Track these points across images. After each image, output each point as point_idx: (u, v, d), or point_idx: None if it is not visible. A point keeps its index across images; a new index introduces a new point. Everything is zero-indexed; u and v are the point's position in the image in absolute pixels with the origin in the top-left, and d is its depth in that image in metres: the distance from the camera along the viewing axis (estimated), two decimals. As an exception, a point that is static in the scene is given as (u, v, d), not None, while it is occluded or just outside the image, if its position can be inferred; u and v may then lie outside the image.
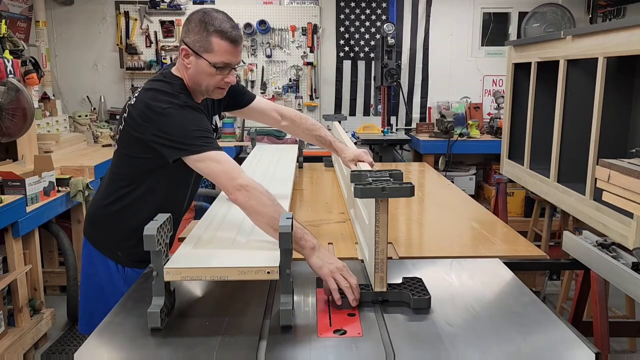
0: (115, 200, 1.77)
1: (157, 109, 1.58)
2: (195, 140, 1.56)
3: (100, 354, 1.21)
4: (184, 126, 1.57)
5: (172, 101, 1.60)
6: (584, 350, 1.20)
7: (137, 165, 1.72)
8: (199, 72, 1.65)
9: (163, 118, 1.57)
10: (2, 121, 3.29)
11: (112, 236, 1.81)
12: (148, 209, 1.70)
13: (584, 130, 2.54)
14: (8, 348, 2.75)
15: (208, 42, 1.60)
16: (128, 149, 1.72)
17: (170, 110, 1.58)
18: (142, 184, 1.74)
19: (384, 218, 1.37)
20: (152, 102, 1.60)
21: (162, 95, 1.61)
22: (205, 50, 1.61)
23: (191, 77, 1.69)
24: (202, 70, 1.64)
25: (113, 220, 1.79)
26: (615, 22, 2.66)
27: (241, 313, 1.36)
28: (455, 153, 5.10)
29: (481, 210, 2.43)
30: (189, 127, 1.58)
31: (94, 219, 1.86)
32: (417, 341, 1.23)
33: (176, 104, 1.59)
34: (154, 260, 1.26)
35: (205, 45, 1.61)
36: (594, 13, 5.47)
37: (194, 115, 1.62)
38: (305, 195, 2.67)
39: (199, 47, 1.61)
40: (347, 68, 5.76)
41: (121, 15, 5.54)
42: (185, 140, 1.56)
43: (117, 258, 1.81)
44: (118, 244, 1.81)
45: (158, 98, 1.61)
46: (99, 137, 5.05)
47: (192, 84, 1.70)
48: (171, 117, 1.57)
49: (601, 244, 1.88)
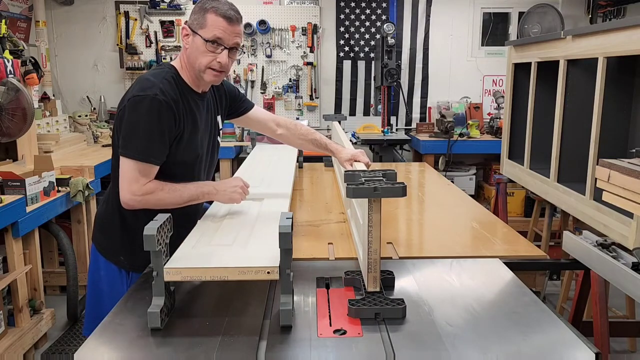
0: (116, 205, 1.75)
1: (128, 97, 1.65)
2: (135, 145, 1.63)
3: (100, 354, 1.21)
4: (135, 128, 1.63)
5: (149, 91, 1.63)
6: (584, 350, 1.20)
7: None
8: (193, 50, 1.69)
9: (130, 108, 1.64)
10: (2, 121, 3.29)
11: (116, 241, 1.83)
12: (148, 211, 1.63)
13: (584, 130, 2.54)
14: (8, 348, 2.75)
15: (203, 18, 1.66)
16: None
17: (133, 102, 1.63)
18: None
19: (377, 218, 1.37)
20: (131, 91, 1.66)
21: (144, 84, 1.66)
22: (200, 26, 1.66)
23: (188, 58, 1.72)
24: (197, 47, 1.68)
25: (115, 225, 1.81)
26: (615, 22, 2.66)
27: (241, 313, 1.36)
28: (455, 153, 5.10)
29: (481, 210, 2.43)
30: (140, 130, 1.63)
31: (100, 224, 1.89)
32: (417, 341, 1.23)
33: (151, 97, 1.62)
34: (154, 260, 1.26)
35: (201, 21, 1.66)
36: (594, 13, 5.47)
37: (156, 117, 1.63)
38: (305, 195, 2.67)
39: (196, 24, 1.67)
40: (347, 68, 5.76)
41: (121, 15, 5.54)
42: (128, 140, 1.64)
43: (120, 263, 1.83)
44: (121, 248, 1.82)
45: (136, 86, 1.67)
46: (99, 137, 5.05)
47: (188, 66, 1.74)
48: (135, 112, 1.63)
49: (601, 244, 1.88)
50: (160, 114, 1.63)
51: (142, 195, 1.64)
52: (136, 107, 1.63)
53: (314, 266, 1.68)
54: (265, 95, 5.72)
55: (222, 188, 1.78)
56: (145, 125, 1.63)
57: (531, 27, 4.99)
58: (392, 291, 1.50)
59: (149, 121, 1.63)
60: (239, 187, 1.80)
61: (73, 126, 5.01)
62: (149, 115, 1.62)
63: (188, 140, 1.75)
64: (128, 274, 1.82)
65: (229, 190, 1.78)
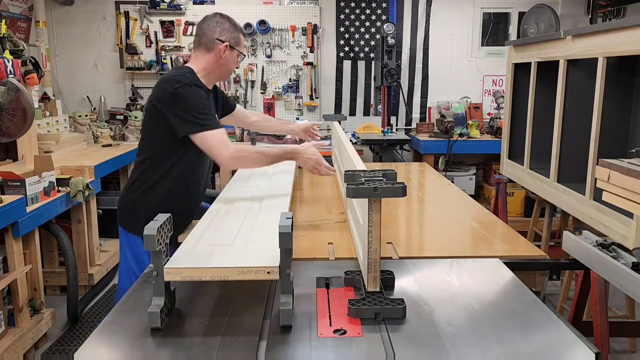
0: (140, 183, 2.10)
1: (169, 89, 1.99)
2: (197, 120, 1.98)
3: (100, 354, 1.21)
4: (188, 107, 1.98)
5: (181, 81, 2.01)
6: (584, 350, 1.20)
7: (158, 146, 2.08)
8: (230, 61, 2.19)
9: (175, 97, 1.98)
10: (2, 121, 3.29)
11: (139, 214, 2.03)
12: (170, 184, 2.08)
13: (584, 130, 2.54)
14: (8, 348, 2.76)
15: (238, 37, 2.20)
16: (150, 133, 2.11)
17: (179, 90, 1.98)
18: (164, 162, 2.08)
19: (376, 218, 1.37)
20: (166, 85, 2.01)
21: (172, 80, 2.03)
22: (237, 43, 2.20)
23: (221, 65, 2.18)
24: (233, 58, 2.20)
25: (139, 201, 2.11)
26: (615, 22, 2.66)
27: (241, 313, 1.36)
28: (455, 153, 5.10)
29: (481, 210, 2.43)
30: (193, 107, 1.99)
31: (123, 206, 2.18)
32: (417, 341, 1.23)
33: (184, 84, 2.00)
34: (154, 260, 1.26)
35: (237, 40, 2.19)
36: (594, 13, 5.47)
37: (196, 94, 2.02)
38: (305, 195, 2.67)
39: (234, 42, 2.18)
40: (347, 68, 5.76)
41: (121, 15, 5.54)
42: (190, 119, 1.98)
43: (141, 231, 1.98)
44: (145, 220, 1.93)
45: (170, 81, 2.02)
46: (99, 137, 5.05)
47: (217, 70, 2.19)
48: (180, 97, 1.98)
49: (601, 244, 1.88)
50: (201, 94, 2.05)
51: (236, 154, 2.03)
52: (188, 92, 2.00)
53: (314, 266, 1.68)
54: (265, 96, 5.72)
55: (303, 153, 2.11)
56: (203, 103, 2.03)
57: (530, 27, 5.00)
58: (392, 291, 1.50)
59: (202, 99, 2.03)
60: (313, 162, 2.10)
61: (73, 126, 5.01)
62: (200, 96, 2.03)
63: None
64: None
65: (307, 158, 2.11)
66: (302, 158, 2.09)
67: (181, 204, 2.10)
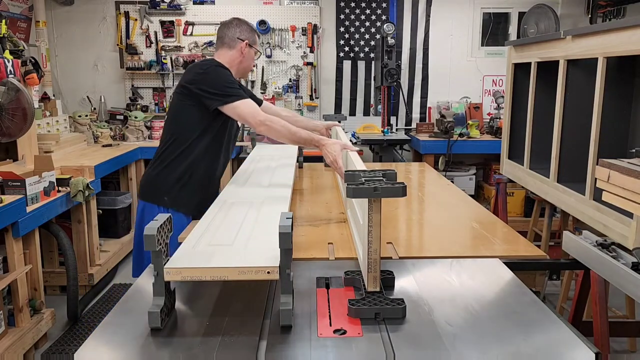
0: (164, 158, 2.34)
1: (199, 70, 2.29)
2: (227, 92, 2.23)
3: (100, 354, 1.21)
4: (218, 82, 2.25)
5: (209, 64, 2.33)
6: (583, 350, 1.20)
7: (184, 125, 2.31)
8: (248, 58, 2.48)
9: (205, 76, 2.26)
10: (2, 121, 3.29)
11: (161, 186, 2.33)
12: (191, 158, 2.32)
13: (583, 130, 2.54)
14: (8, 348, 2.76)
15: (255, 38, 2.50)
16: (177, 114, 2.33)
17: (209, 70, 2.28)
18: (186, 140, 2.31)
19: (377, 218, 1.37)
20: (196, 69, 2.33)
21: (202, 63, 2.37)
22: (254, 43, 2.50)
23: (241, 62, 2.46)
24: (251, 56, 2.50)
25: (162, 174, 2.33)
26: (615, 22, 2.67)
27: (241, 313, 1.36)
28: (455, 153, 5.10)
29: (481, 210, 2.43)
30: (222, 83, 2.25)
31: (146, 181, 2.41)
32: (417, 341, 1.23)
33: (213, 65, 2.31)
34: (154, 260, 1.26)
35: (254, 39, 2.50)
36: (594, 13, 5.47)
37: (224, 73, 2.30)
38: (305, 195, 2.67)
39: (252, 41, 2.47)
40: (347, 68, 5.76)
41: (121, 15, 5.55)
42: (220, 92, 2.23)
43: (164, 202, 2.32)
44: (166, 191, 2.33)
45: (199, 65, 2.35)
46: (99, 137, 5.05)
47: (239, 67, 2.46)
48: (210, 75, 2.26)
49: (601, 244, 1.88)
50: (228, 73, 2.33)
51: (266, 121, 2.22)
52: (217, 71, 2.28)
53: (314, 266, 1.68)
54: (265, 95, 5.72)
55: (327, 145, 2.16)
56: (230, 78, 2.30)
57: (530, 28, 5.00)
58: (392, 291, 1.50)
59: (229, 77, 2.31)
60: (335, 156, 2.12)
61: (73, 126, 5.01)
62: (227, 74, 2.31)
63: None
64: (163, 212, 2.24)
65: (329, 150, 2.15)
66: (325, 150, 2.17)
67: (200, 176, 2.37)
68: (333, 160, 2.13)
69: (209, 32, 5.58)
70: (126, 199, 4.59)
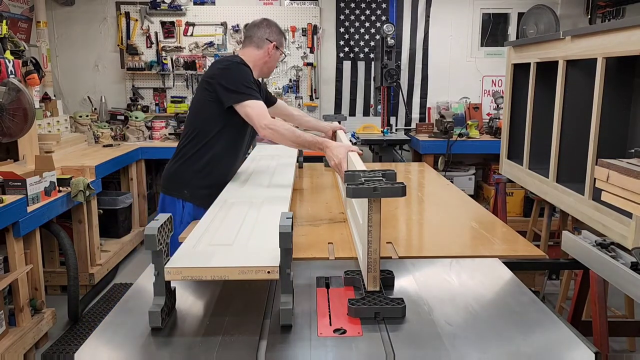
0: (185, 152, 2.38)
1: (221, 66, 2.34)
2: (241, 91, 2.26)
3: (101, 354, 1.21)
4: (237, 80, 2.28)
5: (232, 60, 2.36)
6: (583, 350, 1.20)
7: (205, 119, 2.35)
8: (274, 59, 2.52)
9: (226, 72, 2.30)
10: (3, 121, 3.30)
11: (182, 180, 2.38)
12: (212, 153, 2.36)
13: (583, 130, 2.54)
14: (9, 348, 2.76)
15: (282, 39, 2.55)
16: (199, 108, 2.37)
17: (231, 66, 2.31)
18: (208, 134, 2.35)
19: (376, 218, 1.37)
20: (219, 64, 2.37)
21: (225, 59, 2.40)
22: (281, 45, 2.55)
23: (265, 62, 2.49)
24: (277, 57, 2.55)
25: (182, 167, 2.38)
26: (615, 23, 2.67)
27: (241, 313, 1.36)
28: (455, 153, 5.11)
29: (480, 210, 2.43)
30: (241, 81, 2.28)
31: (167, 175, 2.46)
32: (417, 341, 1.23)
33: (236, 62, 2.34)
34: (154, 260, 1.26)
35: (281, 41, 2.54)
36: (593, 13, 5.48)
37: (244, 72, 2.33)
38: (305, 195, 2.68)
39: (279, 43, 2.52)
40: (347, 68, 5.77)
41: (122, 15, 5.55)
42: (235, 89, 2.26)
43: (184, 196, 2.37)
44: (186, 185, 2.38)
45: (222, 61, 2.39)
46: (99, 137, 5.06)
47: (262, 66, 2.49)
48: (231, 71, 2.29)
49: (600, 243, 1.88)
50: (248, 72, 2.35)
51: (271, 125, 2.21)
52: (238, 68, 2.31)
53: (314, 266, 1.68)
54: (265, 96, 5.72)
55: (331, 147, 2.14)
56: (248, 78, 2.32)
57: (529, 28, 5.00)
58: (392, 291, 1.50)
59: (248, 76, 2.33)
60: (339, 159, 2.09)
61: (74, 126, 5.02)
62: (247, 73, 2.34)
63: None
64: (184, 205, 2.36)
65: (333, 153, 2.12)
66: (330, 152, 2.16)
67: (220, 171, 2.40)
68: (337, 164, 2.12)
69: (210, 32, 5.58)
70: (127, 199, 4.60)
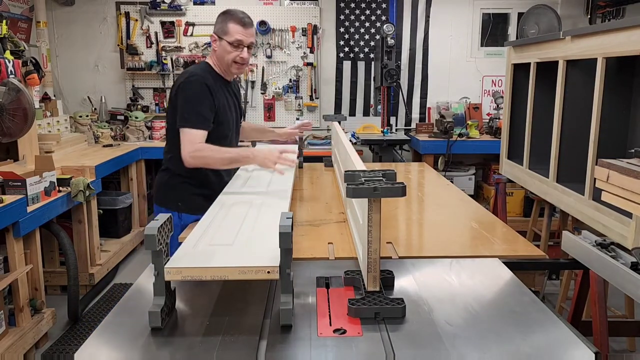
0: (169, 165, 2.35)
1: (183, 80, 2.24)
2: (184, 117, 2.19)
3: (101, 354, 1.21)
4: (186, 103, 2.20)
5: (194, 73, 2.25)
6: (583, 350, 1.20)
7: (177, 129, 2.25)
8: (221, 51, 2.30)
9: (182, 92, 2.22)
10: (3, 121, 3.30)
11: (173, 193, 2.35)
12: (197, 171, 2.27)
13: (583, 130, 2.54)
14: (9, 348, 2.76)
15: (226, 27, 2.27)
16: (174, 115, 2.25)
17: (186, 86, 2.21)
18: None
19: (376, 218, 1.37)
20: (183, 77, 2.25)
21: (186, 73, 2.28)
22: (224, 33, 2.27)
23: (217, 58, 2.34)
24: (224, 49, 2.29)
25: (171, 181, 2.35)
26: (615, 23, 2.67)
27: (241, 313, 1.36)
28: (455, 153, 5.11)
29: (480, 210, 2.43)
30: (189, 104, 2.20)
31: (158, 188, 2.44)
32: (417, 341, 1.23)
33: (194, 77, 2.22)
34: (155, 260, 1.26)
35: (224, 29, 2.27)
36: (593, 13, 5.48)
37: (198, 91, 2.21)
38: (305, 195, 2.68)
39: (221, 32, 2.28)
40: (347, 68, 5.76)
41: (122, 15, 5.55)
42: (182, 112, 2.20)
43: (178, 208, 2.31)
44: (179, 197, 2.34)
45: (186, 74, 2.27)
46: (99, 137, 5.06)
47: (218, 63, 2.35)
48: (185, 92, 2.21)
49: (600, 243, 1.88)
50: (203, 92, 2.21)
51: (195, 152, 2.17)
52: (185, 90, 2.20)
53: (314, 266, 1.68)
54: (265, 96, 5.72)
55: (259, 154, 2.20)
56: (192, 101, 2.20)
57: (529, 28, 5.00)
58: (392, 291, 1.50)
59: (194, 98, 2.20)
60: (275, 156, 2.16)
61: (74, 126, 5.02)
62: (195, 94, 2.20)
63: (222, 116, 2.32)
64: (180, 215, 2.30)
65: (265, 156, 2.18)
66: (260, 160, 2.19)
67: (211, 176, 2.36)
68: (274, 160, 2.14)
69: (210, 32, 5.55)
70: (127, 199, 4.60)
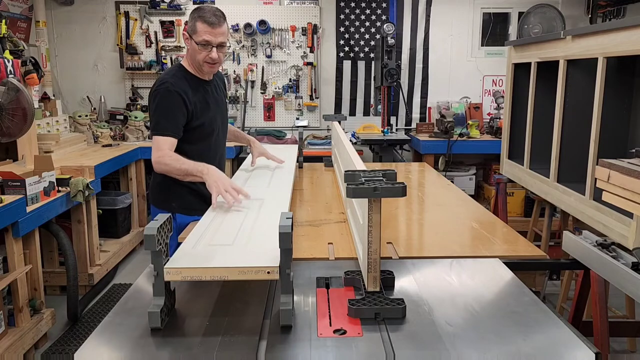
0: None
1: (155, 87, 2.23)
2: (154, 126, 2.21)
3: (101, 354, 1.21)
4: (156, 110, 2.21)
5: (163, 82, 2.22)
6: (583, 350, 1.20)
7: None
8: (192, 51, 2.26)
9: (152, 97, 2.23)
10: (2, 121, 3.29)
11: (167, 193, 2.34)
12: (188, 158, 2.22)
13: (583, 130, 2.54)
14: (8, 348, 2.76)
15: (194, 26, 2.21)
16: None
17: (154, 93, 2.22)
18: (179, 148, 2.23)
19: (376, 218, 1.37)
20: (156, 84, 2.24)
21: (159, 80, 2.26)
22: (192, 32, 2.22)
23: (190, 57, 2.30)
24: (193, 48, 2.24)
25: (164, 181, 2.31)
26: (615, 22, 2.67)
27: (241, 313, 1.36)
28: (455, 153, 5.10)
29: (481, 210, 2.43)
30: (158, 112, 2.20)
31: (153, 189, 2.43)
32: (417, 341, 1.23)
33: (160, 89, 2.21)
34: (154, 260, 1.26)
35: (193, 28, 2.22)
36: (594, 13, 5.47)
37: (168, 99, 2.19)
38: (305, 195, 2.68)
39: (190, 31, 2.23)
40: (347, 68, 5.76)
41: (121, 15, 5.55)
42: (152, 120, 2.23)
43: (173, 208, 2.27)
44: (173, 198, 2.35)
45: (158, 81, 2.25)
46: (99, 137, 5.05)
47: (191, 61, 2.31)
48: (155, 99, 2.21)
49: (601, 243, 1.88)
50: (172, 99, 2.19)
51: (159, 159, 2.16)
52: (154, 98, 2.21)
53: (314, 266, 1.68)
54: (265, 96, 5.72)
55: (213, 174, 2.05)
56: (161, 110, 2.19)
57: (532, 27, 4.99)
58: (392, 291, 1.50)
59: (163, 106, 2.19)
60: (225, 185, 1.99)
61: (73, 126, 5.01)
62: (163, 102, 2.19)
63: (202, 116, 2.30)
64: (174, 216, 2.25)
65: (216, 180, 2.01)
66: (209, 179, 2.03)
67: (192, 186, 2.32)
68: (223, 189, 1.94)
69: (209, 32, 5.57)
70: (126, 199, 4.59)
